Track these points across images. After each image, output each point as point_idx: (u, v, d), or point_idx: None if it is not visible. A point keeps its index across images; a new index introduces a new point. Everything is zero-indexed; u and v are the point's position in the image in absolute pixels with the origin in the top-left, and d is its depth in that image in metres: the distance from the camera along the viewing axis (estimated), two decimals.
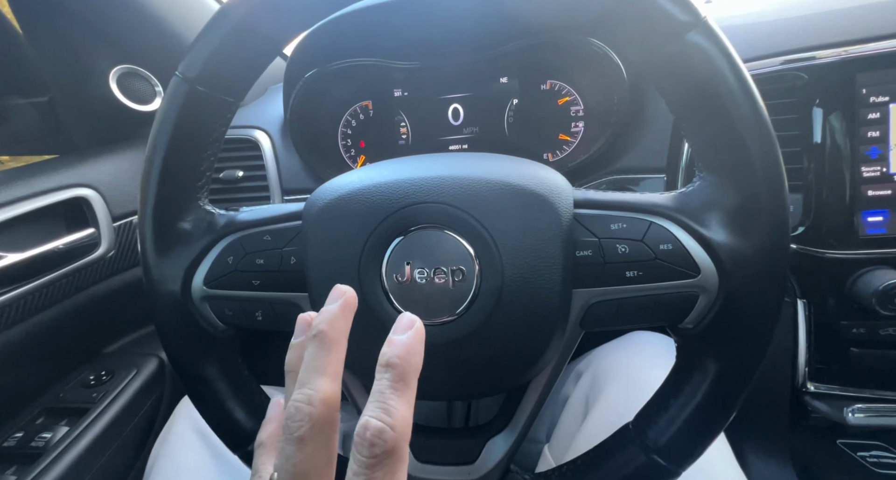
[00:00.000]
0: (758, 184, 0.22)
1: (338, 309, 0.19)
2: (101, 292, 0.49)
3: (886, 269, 0.39)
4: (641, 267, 0.23)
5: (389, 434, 0.15)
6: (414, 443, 0.28)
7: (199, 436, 0.40)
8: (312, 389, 0.16)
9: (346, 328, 0.19)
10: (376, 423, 0.15)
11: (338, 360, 0.18)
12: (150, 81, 0.54)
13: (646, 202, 0.24)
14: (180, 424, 0.41)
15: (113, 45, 0.50)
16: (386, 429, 0.15)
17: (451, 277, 0.23)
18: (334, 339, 0.18)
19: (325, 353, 0.17)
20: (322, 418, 0.16)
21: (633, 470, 0.25)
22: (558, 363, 0.26)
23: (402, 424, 0.15)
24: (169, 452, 0.40)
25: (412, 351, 0.17)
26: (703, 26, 0.21)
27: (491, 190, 0.24)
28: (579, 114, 0.56)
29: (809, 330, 0.44)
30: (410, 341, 0.17)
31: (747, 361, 0.24)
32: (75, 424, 0.42)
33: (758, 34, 0.44)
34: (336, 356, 0.18)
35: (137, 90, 0.54)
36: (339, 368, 0.18)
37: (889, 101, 0.38)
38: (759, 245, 0.22)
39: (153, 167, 0.26)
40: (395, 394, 0.16)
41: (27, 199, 0.42)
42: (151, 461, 0.41)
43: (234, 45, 0.25)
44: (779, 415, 0.49)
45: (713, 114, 0.22)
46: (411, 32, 0.51)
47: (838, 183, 0.40)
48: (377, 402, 0.16)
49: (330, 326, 0.18)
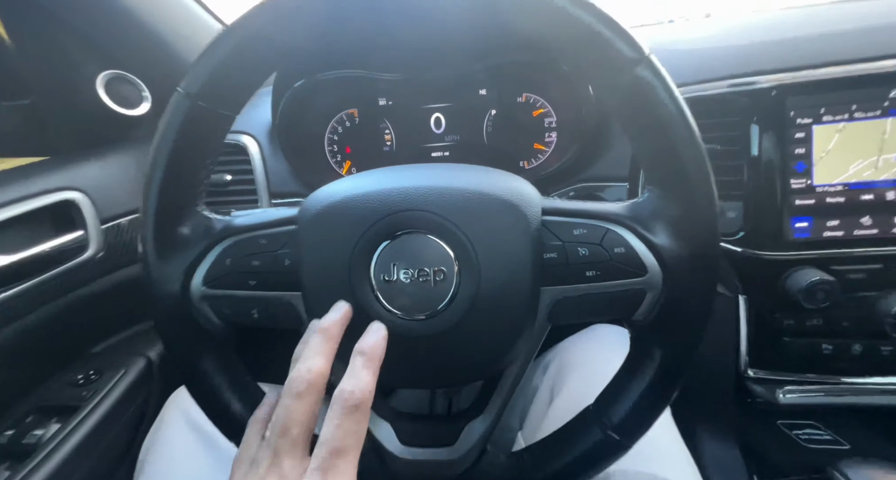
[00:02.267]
0: (693, 198, 0.25)
1: (338, 317, 0.25)
2: (89, 293, 0.50)
3: (811, 269, 0.45)
4: (599, 267, 0.26)
5: (357, 394, 0.22)
6: (398, 428, 0.31)
7: (192, 428, 0.42)
8: (312, 363, 0.23)
9: (341, 330, 0.25)
10: (350, 387, 0.22)
11: (332, 348, 0.24)
12: (136, 86, 0.55)
13: (603, 211, 0.27)
14: (171, 418, 0.43)
15: (100, 51, 0.51)
16: (356, 391, 0.22)
17: (434, 277, 0.25)
18: (332, 334, 0.24)
19: (323, 342, 0.24)
20: (315, 383, 0.22)
21: (592, 446, 0.29)
22: (529, 352, 0.29)
23: (367, 390, 0.22)
24: (161, 444, 0.41)
25: (378, 345, 0.24)
26: (647, 62, 0.24)
27: (469, 198, 0.26)
28: (552, 126, 0.60)
29: (749, 322, 0.49)
30: (377, 338, 0.24)
31: (687, 347, 0.27)
32: (66, 422, 0.43)
33: (708, 59, 0.49)
34: (331, 345, 0.24)
35: (124, 94, 0.54)
36: (332, 354, 0.24)
37: (812, 123, 0.43)
38: (695, 248, 0.26)
39: (154, 177, 0.28)
40: (364, 370, 0.23)
41: (17, 202, 0.42)
42: (143, 454, 0.42)
43: (235, 64, 0.27)
44: (725, 399, 0.54)
45: (657, 137, 0.25)
46: (396, 47, 0.53)
47: (771, 193, 0.45)
48: (350, 375, 0.22)
49: (330, 325, 0.24)
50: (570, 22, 0.24)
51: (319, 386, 0.22)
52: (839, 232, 0.44)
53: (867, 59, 0.42)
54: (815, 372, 0.49)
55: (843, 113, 0.42)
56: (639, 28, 0.84)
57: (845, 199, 0.43)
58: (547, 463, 0.30)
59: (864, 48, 0.43)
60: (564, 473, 0.29)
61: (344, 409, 0.21)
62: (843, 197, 0.43)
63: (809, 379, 0.50)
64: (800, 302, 0.44)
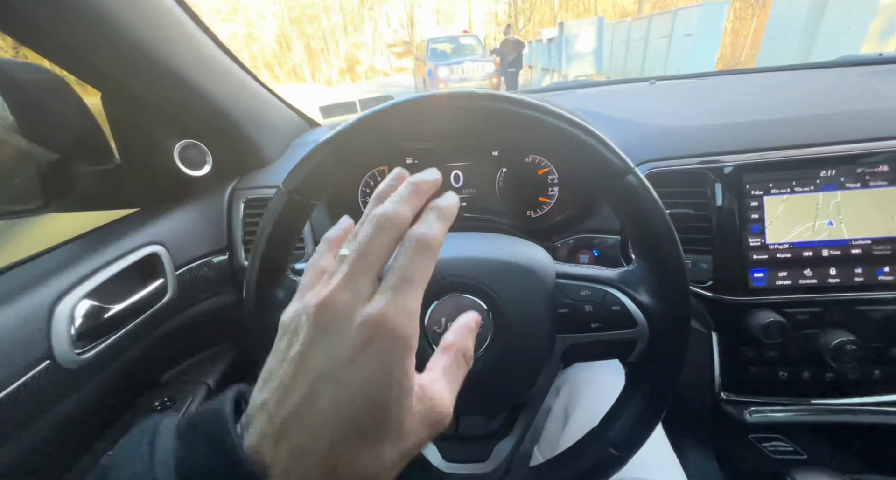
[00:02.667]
0: (668, 270, 0.31)
1: (432, 180, 0.24)
2: (164, 331, 0.58)
3: (767, 311, 0.54)
4: (601, 320, 0.32)
5: (430, 237, 0.21)
6: (441, 447, 0.36)
7: None
8: (399, 208, 0.22)
9: (429, 193, 0.24)
10: (423, 230, 0.22)
11: (417, 205, 0.23)
12: (202, 151, 0.65)
13: (603, 276, 0.34)
14: None
15: (178, 124, 0.60)
16: (428, 234, 0.21)
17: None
18: (422, 192, 0.24)
19: (413, 195, 0.23)
20: (398, 226, 0.21)
21: (597, 461, 0.33)
22: (546, 385, 0.34)
23: (439, 236, 0.22)
24: None
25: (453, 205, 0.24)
26: (634, 172, 0.30)
27: (499, 266, 0.33)
28: (555, 182, 0.70)
29: (721, 353, 0.59)
30: (454, 200, 0.24)
31: (669, 379, 0.33)
32: None
33: (681, 138, 0.59)
34: (418, 202, 0.23)
35: (191, 158, 0.64)
36: (416, 211, 0.23)
37: (763, 194, 0.54)
38: (671, 307, 0.32)
39: (258, 251, 0.34)
40: (437, 222, 0.22)
41: (118, 259, 0.51)
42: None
43: (326, 168, 0.32)
44: (705, 417, 0.63)
45: (641, 227, 0.31)
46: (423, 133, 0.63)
47: (735, 249, 0.55)
48: (424, 222, 0.22)
49: (422, 183, 0.24)
50: (572, 140, 0.30)
51: (402, 228, 0.22)
52: (788, 281, 0.54)
53: (803, 145, 0.53)
54: (775, 394, 0.59)
55: (786, 187, 0.53)
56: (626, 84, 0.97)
57: (791, 255, 0.54)
58: (560, 475, 0.35)
59: (801, 136, 0.54)
60: None
61: (415, 246, 0.21)
62: (790, 253, 0.54)
63: (772, 401, 0.60)
64: (759, 337, 0.54)
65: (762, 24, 6.92)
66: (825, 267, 0.53)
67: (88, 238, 0.53)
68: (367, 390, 0.18)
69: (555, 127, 0.30)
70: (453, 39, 9.58)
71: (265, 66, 20.05)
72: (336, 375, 0.18)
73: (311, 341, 0.19)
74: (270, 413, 0.18)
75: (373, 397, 0.18)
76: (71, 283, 0.45)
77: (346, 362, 0.18)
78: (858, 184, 0.52)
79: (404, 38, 25.04)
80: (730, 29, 9.35)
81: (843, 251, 0.53)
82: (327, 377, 0.18)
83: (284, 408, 0.18)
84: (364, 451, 0.18)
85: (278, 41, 21.71)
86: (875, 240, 0.52)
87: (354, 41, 23.05)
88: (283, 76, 19.32)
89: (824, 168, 0.52)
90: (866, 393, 0.56)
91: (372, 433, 0.18)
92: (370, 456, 0.18)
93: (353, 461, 0.18)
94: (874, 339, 0.54)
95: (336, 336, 0.19)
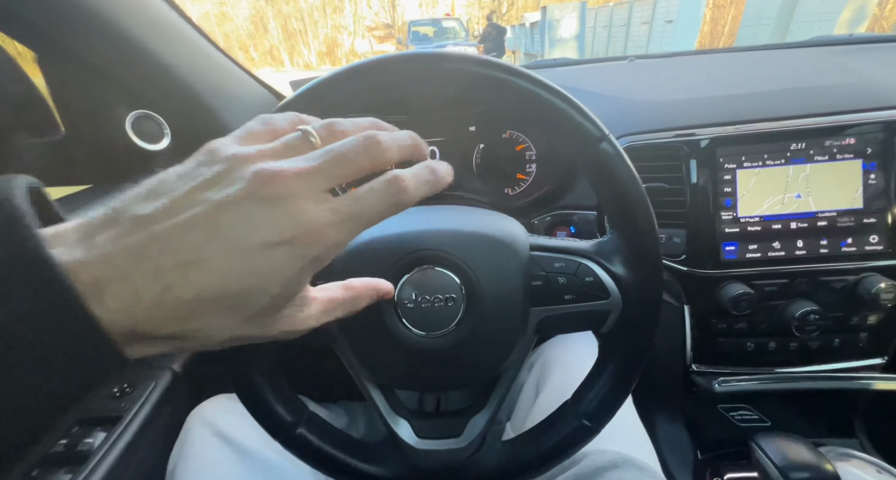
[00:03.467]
0: (641, 240, 0.31)
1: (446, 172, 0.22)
2: None
3: (737, 283, 0.56)
4: (574, 292, 0.32)
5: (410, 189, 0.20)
6: (414, 424, 0.36)
7: (220, 440, 0.44)
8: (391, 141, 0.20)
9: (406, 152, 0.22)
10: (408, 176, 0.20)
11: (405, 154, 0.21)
12: (158, 123, 0.60)
13: (577, 248, 0.33)
14: (197, 431, 0.45)
15: (130, 94, 0.56)
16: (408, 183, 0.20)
17: (446, 302, 0.30)
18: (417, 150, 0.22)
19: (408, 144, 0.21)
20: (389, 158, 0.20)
21: (570, 432, 0.34)
22: (520, 359, 0.34)
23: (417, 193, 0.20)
24: (189, 457, 0.43)
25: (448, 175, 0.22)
26: (608, 139, 0.30)
27: (472, 238, 0.32)
28: (532, 158, 0.69)
29: (693, 326, 0.60)
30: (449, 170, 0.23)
31: (641, 351, 0.33)
32: (111, 430, 0.48)
33: (657, 112, 0.59)
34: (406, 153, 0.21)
35: (147, 131, 0.60)
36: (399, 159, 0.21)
37: (736, 167, 0.54)
38: (644, 277, 0.32)
39: None
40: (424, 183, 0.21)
41: None
42: (171, 468, 0.44)
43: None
44: (676, 388, 0.65)
45: (616, 195, 0.31)
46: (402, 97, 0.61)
47: (707, 223, 0.56)
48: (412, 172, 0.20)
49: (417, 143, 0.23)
50: (548, 106, 0.30)
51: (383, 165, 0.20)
52: (758, 253, 0.55)
53: (775, 118, 0.53)
54: (743, 364, 0.61)
55: (758, 160, 0.54)
56: (606, 63, 0.96)
57: (761, 228, 0.55)
58: (534, 448, 0.35)
59: (774, 110, 0.54)
60: (548, 455, 0.34)
61: (389, 187, 0.19)
62: (760, 226, 0.55)
63: (740, 371, 0.62)
64: (729, 309, 0.55)
65: (740, 13, 7.04)
66: (793, 239, 0.55)
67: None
68: (257, 281, 0.17)
69: (529, 92, 0.29)
70: (436, 22, 9.40)
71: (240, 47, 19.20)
72: (242, 250, 0.17)
73: (238, 202, 0.17)
74: (141, 225, 0.16)
75: (258, 285, 0.17)
76: None
77: (260, 246, 0.17)
78: (826, 157, 0.52)
79: (385, 20, 24.37)
80: (709, 17, 9.47)
81: (810, 223, 0.54)
82: (232, 247, 0.16)
83: (163, 239, 0.16)
84: (217, 318, 0.17)
85: (253, 22, 20.76)
86: (840, 213, 0.53)
87: (334, 23, 22.28)
88: (258, 59, 18.59)
89: (795, 141, 0.53)
90: (827, 361, 0.59)
91: (234, 311, 0.17)
92: (219, 323, 0.17)
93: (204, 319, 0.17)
94: (835, 309, 0.56)
95: (265, 216, 0.17)
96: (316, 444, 0.35)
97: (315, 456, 0.35)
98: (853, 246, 0.54)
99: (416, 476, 0.35)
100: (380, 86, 0.31)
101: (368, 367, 0.34)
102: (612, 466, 0.38)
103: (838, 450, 0.53)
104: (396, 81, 0.30)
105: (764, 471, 0.43)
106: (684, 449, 0.64)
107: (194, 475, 0.42)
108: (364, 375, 0.35)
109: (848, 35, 0.83)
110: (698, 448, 0.64)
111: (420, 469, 0.35)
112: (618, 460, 0.38)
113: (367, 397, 0.35)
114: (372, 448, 0.36)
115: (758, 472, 0.45)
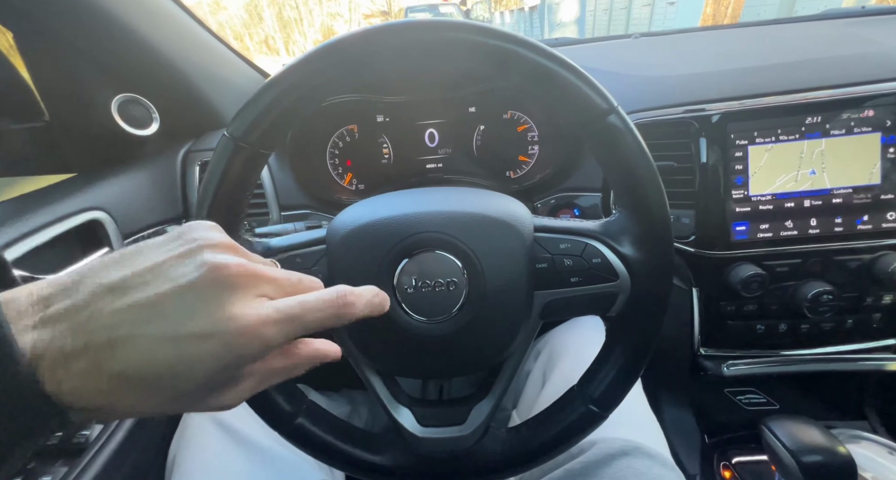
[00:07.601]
0: (652, 218, 0.30)
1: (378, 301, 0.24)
2: None
3: (748, 264, 0.54)
4: (581, 274, 0.31)
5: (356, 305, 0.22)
6: (416, 412, 0.35)
7: (220, 428, 0.44)
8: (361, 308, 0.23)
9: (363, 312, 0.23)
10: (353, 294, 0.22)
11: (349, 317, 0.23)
12: (147, 107, 0.58)
13: (583, 228, 0.32)
14: (197, 420, 0.45)
15: (115, 76, 0.54)
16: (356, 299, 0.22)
17: (447, 287, 0.29)
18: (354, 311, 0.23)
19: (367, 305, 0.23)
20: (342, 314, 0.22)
21: (577, 418, 0.33)
22: (525, 345, 0.33)
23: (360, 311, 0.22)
24: (190, 446, 0.43)
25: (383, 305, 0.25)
26: (617, 112, 0.28)
27: (474, 220, 0.30)
28: (535, 139, 0.67)
29: (701, 309, 0.59)
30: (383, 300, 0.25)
31: (650, 334, 0.32)
32: (108, 423, 0.48)
33: (665, 87, 0.57)
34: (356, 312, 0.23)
35: (135, 115, 0.57)
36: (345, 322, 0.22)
37: (748, 144, 0.52)
38: (654, 258, 0.30)
39: (203, 209, 0.30)
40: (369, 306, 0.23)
41: (51, 225, 0.45)
42: (172, 456, 0.44)
43: (274, 112, 0.29)
44: (683, 373, 0.64)
45: (624, 171, 0.30)
46: (398, 77, 0.58)
47: (717, 201, 0.54)
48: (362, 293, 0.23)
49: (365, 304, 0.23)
50: (552, 78, 0.28)
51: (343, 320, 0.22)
52: (769, 233, 0.53)
53: (789, 91, 0.51)
54: (752, 347, 0.60)
55: (771, 136, 0.51)
56: (609, 41, 0.92)
57: (773, 207, 0.53)
58: (540, 435, 0.34)
59: (787, 82, 0.52)
60: (555, 441, 0.34)
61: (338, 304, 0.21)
62: (772, 205, 0.53)
63: (748, 354, 0.60)
64: (739, 291, 0.53)
65: None
66: (806, 217, 0.53)
67: (14, 202, 0.47)
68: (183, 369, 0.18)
69: (534, 62, 0.27)
70: (432, 8, 9.21)
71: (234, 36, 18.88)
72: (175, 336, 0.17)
73: (187, 286, 0.18)
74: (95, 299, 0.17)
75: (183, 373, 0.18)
76: None
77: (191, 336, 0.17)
78: (843, 131, 0.50)
79: (382, 7, 23.90)
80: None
81: (825, 201, 0.52)
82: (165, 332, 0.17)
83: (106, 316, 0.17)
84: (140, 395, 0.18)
85: (248, 10, 20.38)
86: (856, 189, 0.51)
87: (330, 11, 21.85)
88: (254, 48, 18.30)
89: (810, 114, 0.50)
90: (839, 343, 0.57)
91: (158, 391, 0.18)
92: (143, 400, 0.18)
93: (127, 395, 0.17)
94: (849, 289, 0.54)
95: (205, 306, 0.18)
96: (316, 435, 0.34)
97: (316, 447, 0.34)
98: (869, 224, 0.52)
99: (420, 463, 0.34)
100: (362, 57, 0.28)
101: (368, 355, 0.33)
102: (621, 453, 0.37)
103: (849, 433, 0.52)
104: (397, 51, 0.28)
105: (775, 454, 0.42)
106: (691, 434, 0.63)
107: (195, 464, 0.41)
108: (364, 363, 0.33)
109: (860, 7, 0.79)
110: (705, 433, 0.64)
111: (424, 457, 0.34)
112: (627, 447, 0.37)
113: (367, 385, 0.34)
114: (374, 437, 0.35)
115: (768, 455, 0.44)
